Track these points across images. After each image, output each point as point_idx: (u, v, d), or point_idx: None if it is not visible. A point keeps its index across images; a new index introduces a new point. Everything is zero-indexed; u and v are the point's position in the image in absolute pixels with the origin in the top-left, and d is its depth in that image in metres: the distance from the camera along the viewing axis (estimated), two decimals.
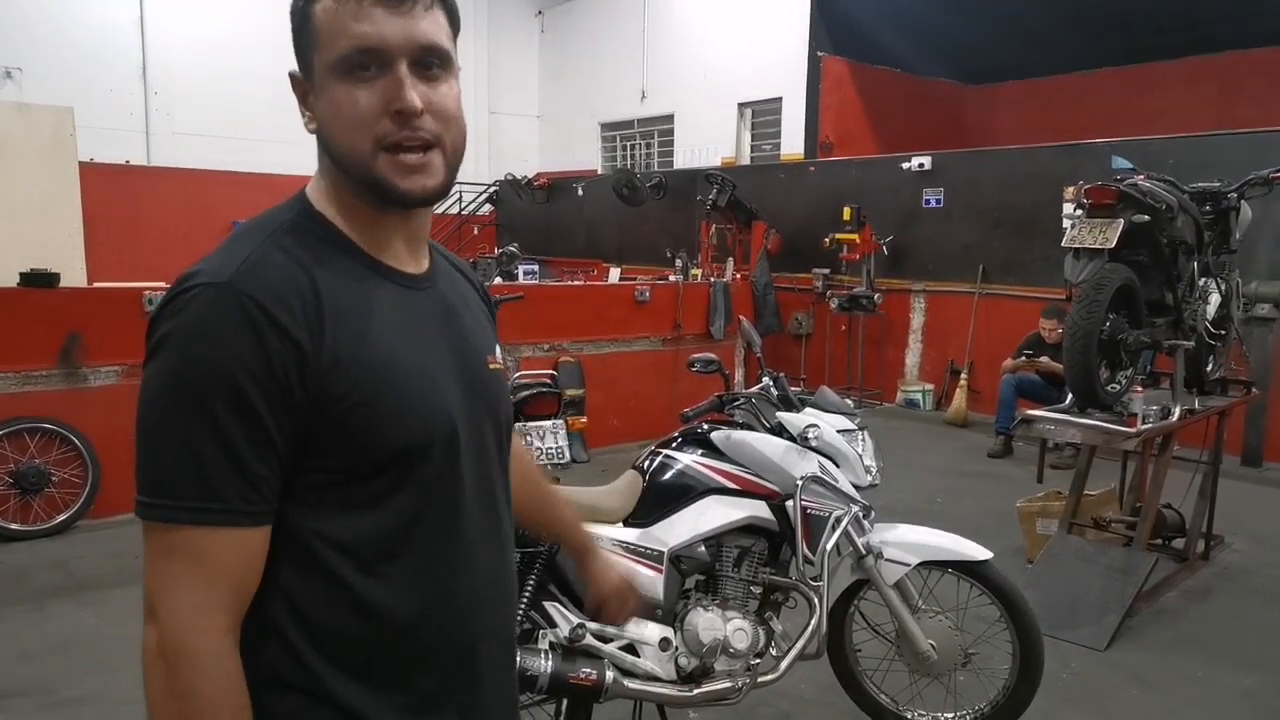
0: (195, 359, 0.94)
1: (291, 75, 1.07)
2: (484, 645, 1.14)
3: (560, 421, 4.33)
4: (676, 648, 2.68)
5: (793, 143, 12.61)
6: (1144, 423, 4.08)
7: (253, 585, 0.98)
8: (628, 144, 15.66)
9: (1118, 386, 4.13)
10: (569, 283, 9.01)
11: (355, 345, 1.00)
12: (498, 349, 1.23)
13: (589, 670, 2.51)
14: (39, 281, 5.21)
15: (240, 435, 0.94)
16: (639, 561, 2.69)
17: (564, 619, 2.62)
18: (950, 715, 3.03)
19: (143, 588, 0.97)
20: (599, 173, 15.01)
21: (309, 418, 0.97)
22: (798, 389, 3.13)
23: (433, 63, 1.03)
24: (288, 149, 13.59)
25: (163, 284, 5.91)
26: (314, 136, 1.07)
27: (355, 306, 1.02)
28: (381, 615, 1.03)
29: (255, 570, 0.98)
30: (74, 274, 7.11)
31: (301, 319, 0.97)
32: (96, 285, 6.85)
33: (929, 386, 9.14)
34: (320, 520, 1.00)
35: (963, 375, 8.62)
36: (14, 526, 4.94)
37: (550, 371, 6.68)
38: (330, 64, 1.01)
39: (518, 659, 1.70)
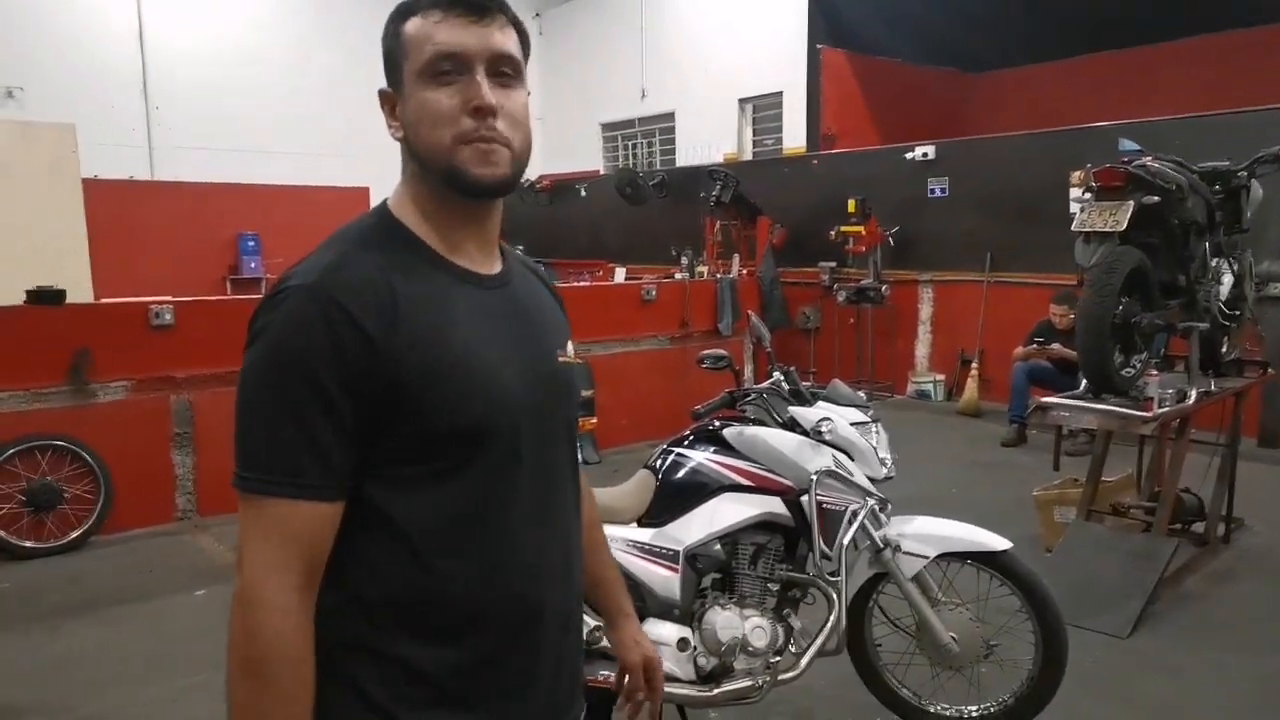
0: (281, 350, 1.08)
1: (381, 92, 1.20)
2: (544, 618, 1.24)
3: None
4: (695, 647, 2.66)
5: (795, 136, 12.55)
6: (1160, 406, 4.04)
7: (323, 553, 1.11)
8: (629, 143, 15.62)
9: (1132, 370, 4.09)
10: (575, 283, 8.99)
11: (426, 336, 1.12)
12: (569, 344, 1.35)
13: (606, 672, 2.49)
14: (46, 299, 5.21)
15: (319, 418, 1.07)
16: (654, 561, 2.67)
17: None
18: (974, 708, 3.00)
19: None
20: (601, 173, 14.98)
21: (381, 402, 1.09)
22: (809, 383, 3.10)
23: (506, 70, 1.16)
24: (290, 160, 13.72)
25: (169, 298, 5.91)
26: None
27: (428, 302, 1.14)
28: (444, 580, 1.15)
29: (326, 539, 1.10)
30: (80, 290, 7.11)
31: (375, 312, 1.09)
32: (103, 301, 6.84)
33: (940, 377, 9.09)
34: (395, 495, 1.13)
35: (973, 364, 8.58)
36: (27, 544, 4.94)
37: None
38: (417, 70, 1.14)
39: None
